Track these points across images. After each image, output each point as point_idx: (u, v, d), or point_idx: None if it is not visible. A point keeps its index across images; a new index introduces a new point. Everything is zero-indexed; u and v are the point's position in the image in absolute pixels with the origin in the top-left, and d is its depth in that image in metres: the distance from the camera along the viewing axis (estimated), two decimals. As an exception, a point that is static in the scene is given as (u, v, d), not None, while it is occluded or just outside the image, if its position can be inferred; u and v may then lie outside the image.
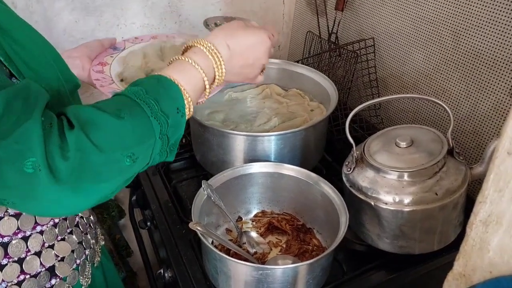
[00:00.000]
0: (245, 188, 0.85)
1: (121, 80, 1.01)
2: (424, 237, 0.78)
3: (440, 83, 0.99)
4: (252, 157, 0.91)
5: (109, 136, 0.48)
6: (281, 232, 0.85)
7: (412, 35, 1.03)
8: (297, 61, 1.15)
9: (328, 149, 1.07)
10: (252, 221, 0.87)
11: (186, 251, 0.83)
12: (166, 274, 0.86)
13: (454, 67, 0.95)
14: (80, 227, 0.70)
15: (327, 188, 0.79)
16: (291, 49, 1.55)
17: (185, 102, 0.56)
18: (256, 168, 0.84)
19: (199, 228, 0.66)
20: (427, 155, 0.76)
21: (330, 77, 1.10)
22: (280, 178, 0.84)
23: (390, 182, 0.76)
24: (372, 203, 0.76)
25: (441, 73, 0.98)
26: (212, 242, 0.78)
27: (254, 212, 0.89)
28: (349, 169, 0.82)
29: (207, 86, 0.61)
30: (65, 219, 0.66)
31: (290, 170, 0.84)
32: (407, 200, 0.74)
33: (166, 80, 0.56)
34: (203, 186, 0.76)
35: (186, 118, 0.57)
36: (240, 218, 0.87)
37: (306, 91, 1.12)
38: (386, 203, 0.75)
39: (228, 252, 0.78)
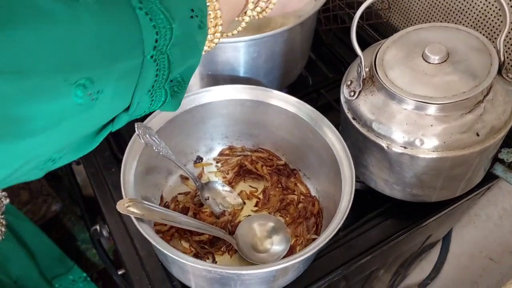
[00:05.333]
0: (204, 122, 0.60)
1: None
2: (447, 184, 0.58)
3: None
4: (212, 71, 0.63)
5: (39, 41, 0.23)
6: (257, 177, 0.63)
7: None
8: None
9: (312, 44, 0.77)
10: (217, 162, 0.64)
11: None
12: (103, 231, 0.66)
13: None
14: None
15: (331, 136, 0.55)
16: None
17: (207, 7, 0.32)
18: (218, 94, 0.57)
19: (133, 210, 0.43)
20: (469, 75, 0.52)
21: None
22: (256, 107, 0.59)
23: (412, 116, 0.53)
24: (385, 146, 0.54)
25: None
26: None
27: (219, 149, 0.65)
28: (352, 93, 0.57)
29: None
30: None
31: (274, 98, 0.57)
32: (435, 143, 0.52)
33: None
34: (137, 131, 0.50)
35: (207, 40, 0.34)
36: (199, 159, 0.64)
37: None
38: (404, 147, 0.53)
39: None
